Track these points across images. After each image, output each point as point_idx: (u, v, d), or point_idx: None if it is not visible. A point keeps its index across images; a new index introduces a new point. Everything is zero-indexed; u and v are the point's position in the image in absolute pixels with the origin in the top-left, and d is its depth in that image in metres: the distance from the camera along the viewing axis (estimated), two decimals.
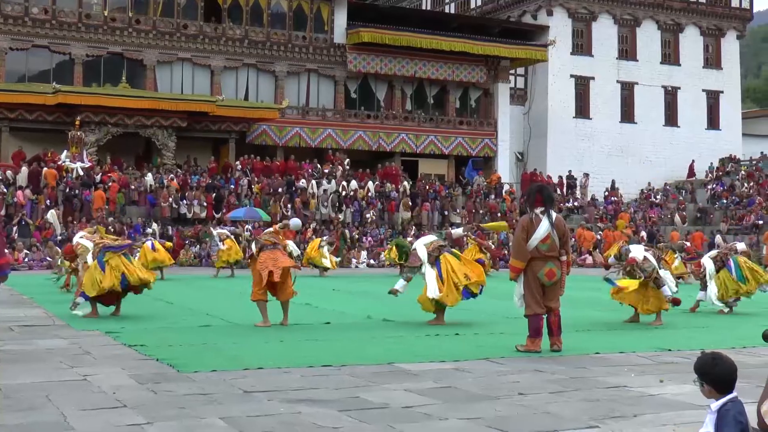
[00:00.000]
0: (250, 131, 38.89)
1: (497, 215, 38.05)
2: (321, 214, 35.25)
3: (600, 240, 35.18)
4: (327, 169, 37.95)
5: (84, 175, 32.48)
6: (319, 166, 38.38)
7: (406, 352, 8.98)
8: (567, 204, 41.60)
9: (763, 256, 21.32)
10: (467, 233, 22.32)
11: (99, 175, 33.00)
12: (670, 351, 9.33)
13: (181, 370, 7.60)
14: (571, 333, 10.14)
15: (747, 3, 52.47)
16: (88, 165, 33.03)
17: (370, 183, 37.88)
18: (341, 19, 41.23)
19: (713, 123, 51.00)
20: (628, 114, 48.86)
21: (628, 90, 48.89)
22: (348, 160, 39.51)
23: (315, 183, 36.46)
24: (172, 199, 33.00)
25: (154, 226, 30.92)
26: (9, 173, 31.86)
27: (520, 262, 9.22)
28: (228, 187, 34.89)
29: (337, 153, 39.93)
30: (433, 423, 5.70)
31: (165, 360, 8.14)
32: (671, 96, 49.91)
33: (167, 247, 24.18)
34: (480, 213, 38.06)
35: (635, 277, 12.32)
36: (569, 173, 44.64)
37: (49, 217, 29.94)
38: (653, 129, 49.03)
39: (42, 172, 32.27)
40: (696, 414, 5.67)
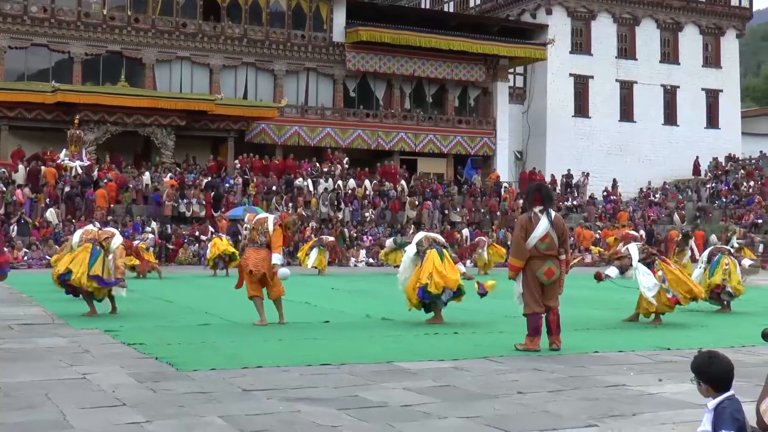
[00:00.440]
0: (249, 130, 38.88)
1: (497, 214, 38.08)
2: (321, 213, 35.24)
3: (599, 239, 35.18)
4: (326, 168, 37.94)
5: (83, 174, 32.50)
6: (318, 165, 38.38)
7: (405, 350, 8.99)
8: (566, 203, 41.61)
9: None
10: None
11: (95, 172, 32.95)
12: (669, 350, 9.33)
13: (180, 368, 7.61)
14: (570, 332, 10.15)
15: (746, 2, 52.48)
16: (87, 163, 33.04)
17: (367, 182, 37.87)
18: (340, 18, 41.22)
19: (712, 122, 51.01)
20: (627, 113, 48.86)
21: (627, 89, 48.90)
22: (347, 158, 39.51)
23: (311, 182, 36.44)
24: (168, 198, 32.97)
25: (153, 224, 30.88)
26: (3, 170, 31.81)
27: (518, 260, 9.22)
28: (222, 186, 34.84)
29: (336, 152, 39.92)
30: (432, 422, 5.71)
31: (164, 358, 8.14)
32: (670, 95, 49.92)
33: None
34: (481, 212, 38.07)
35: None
36: (568, 172, 44.67)
37: (48, 216, 29.94)
38: (652, 128, 49.03)
39: (41, 170, 32.27)
40: (695, 413, 5.67)
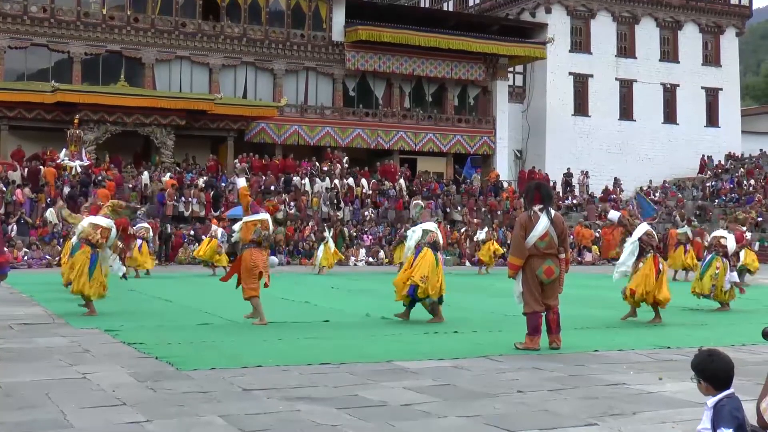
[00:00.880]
0: (248, 129, 38.87)
1: (497, 213, 38.04)
2: (321, 212, 35.24)
3: (598, 238, 35.16)
4: (326, 167, 37.92)
5: (82, 173, 32.46)
6: (318, 164, 38.36)
7: (404, 350, 8.99)
8: (566, 202, 41.59)
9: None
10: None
11: (91, 171, 32.87)
12: (668, 348, 9.34)
13: (180, 368, 7.61)
14: (570, 331, 10.16)
15: (746, 0, 52.46)
16: (87, 163, 33.02)
17: (363, 180, 37.80)
18: (339, 17, 41.20)
19: (712, 120, 50.98)
20: (626, 111, 48.84)
21: (626, 87, 48.88)
22: (347, 158, 39.49)
23: (308, 181, 36.39)
24: (169, 197, 32.95)
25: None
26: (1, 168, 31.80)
27: (518, 259, 9.23)
28: (219, 185, 34.81)
29: (336, 151, 39.91)
30: (432, 421, 5.71)
31: (164, 358, 8.15)
32: (670, 93, 49.89)
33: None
34: (482, 211, 38.04)
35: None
36: (568, 171, 44.66)
37: (48, 216, 29.91)
38: (652, 126, 49.00)
39: (41, 170, 32.25)
40: (695, 411, 5.68)
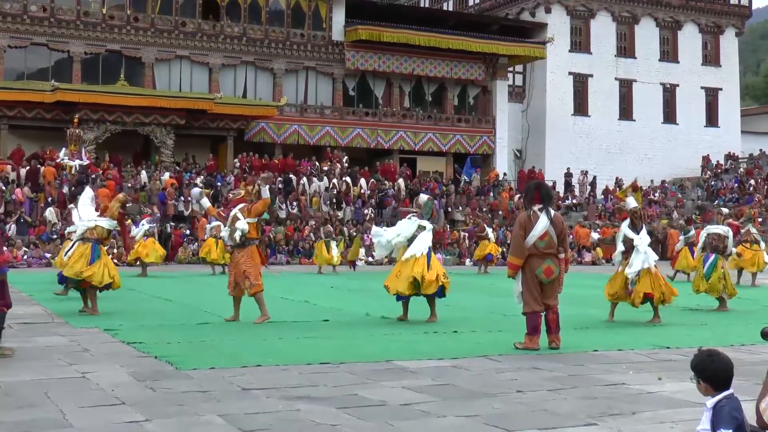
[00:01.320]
0: (248, 129, 38.87)
1: (499, 213, 37.98)
2: (322, 212, 35.23)
3: (602, 239, 35.10)
4: (326, 167, 37.90)
5: (80, 173, 32.36)
6: (318, 163, 38.35)
7: (404, 349, 8.99)
8: (566, 202, 41.57)
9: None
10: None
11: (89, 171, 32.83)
12: (668, 348, 9.34)
13: (180, 367, 7.62)
14: (570, 330, 10.16)
15: (746, 0, 52.46)
16: (86, 162, 32.99)
17: (362, 180, 37.77)
18: (339, 17, 41.19)
19: (712, 120, 50.98)
20: (626, 111, 48.84)
21: (626, 87, 48.88)
22: (346, 157, 39.48)
23: (306, 180, 36.35)
24: (169, 197, 32.94)
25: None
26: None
27: (517, 259, 9.23)
28: (215, 184, 34.77)
29: (336, 151, 39.90)
30: (431, 420, 5.71)
31: (163, 357, 8.15)
32: (670, 93, 49.88)
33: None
34: (483, 211, 38.00)
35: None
36: (567, 171, 44.65)
37: (48, 215, 29.90)
38: (652, 126, 49.00)
39: (40, 170, 32.22)
40: (694, 411, 5.68)
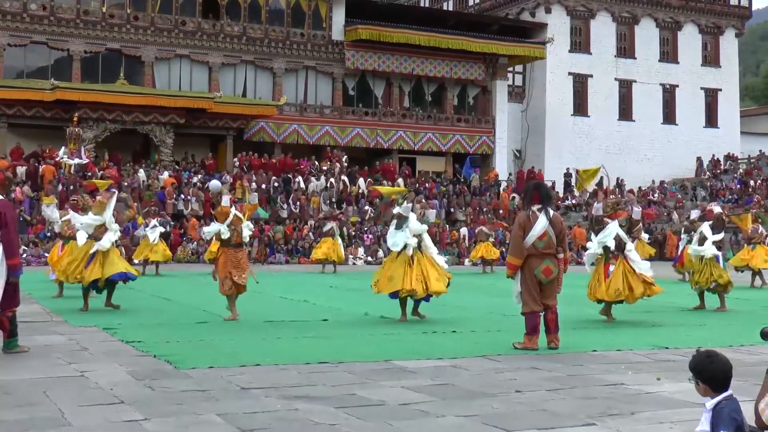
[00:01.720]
0: (248, 128, 38.87)
1: (500, 213, 37.94)
2: (322, 211, 35.21)
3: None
4: (325, 167, 37.89)
5: (76, 172, 32.28)
6: (317, 163, 38.34)
7: (403, 349, 9.00)
8: (565, 202, 41.56)
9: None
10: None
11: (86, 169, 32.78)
12: (667, 349, 9.34)
13: (179, 366, 7.61)
14: (569, 330, 10.16)
15: (745, 1, 52.44)
16: (85, 161, 32.96)
17: (361, 180, 37.73)
18: (339, 16, 41.18)
19: (711, 121, 50.98)
20: (626, 112, 48.84)
21: (626, 88, 48.88)
22: (346, 157, 39.47)
23: (301, 179, 36.32)
24: (169, 196, 32.94)
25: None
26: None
27: (517, 259, 9.23)
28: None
29: (335, 150, 39.89)
30: (430, 420, 5.71)
31: (162, 356, 8.15)
32: (669, 94, 49.89)
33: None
34: (484, 211, 37.94)
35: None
36: (567, 171, 44.64)
37: (45, 212, 29.73)
38: (651, 127, 49.01)
39: (39, 168, 32.18)
40: (693, 412, 5.68)
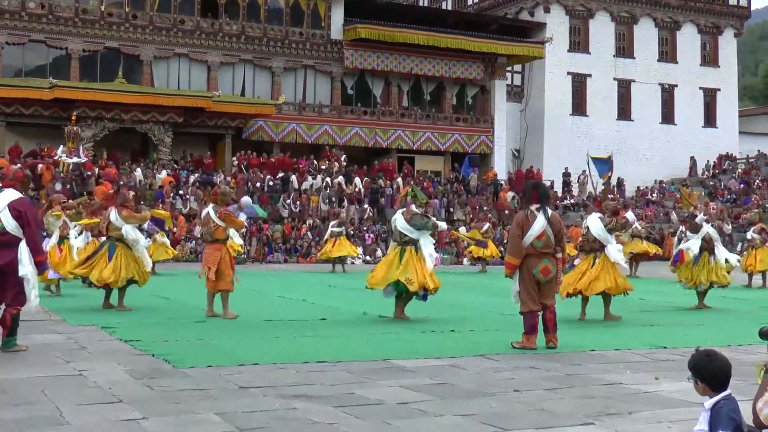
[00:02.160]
0: (246, 127, 38.86)
1: (504, 212, 37.92)
2: (321, 210, 35.22)
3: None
4: (323, 166, 37.88)
5: (73, 171, 32.23)
6: (316, 162, 38.33)
7: (401, 348, 8.99)
8: (564, 201, 41.58)
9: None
10: None
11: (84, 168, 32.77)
12: (665, 348, 9.35)
13: (177, 365, 7.61)
14: (567, 330, 10.16)
15: (744, 1, 52.47)
16: (84, 160, 32.94)
17: (357, 179, 37.71)
18: (338, 15, 41.17)
19: (710, 121, 51.01)
20: (624, 111, 48.86)
21: (624, 87, 48.90)
22: (345, 156, 39.46)
23: (295, 179, 36.29)
24: (167, 195, 32.90)
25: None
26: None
27: (515, 258, 9.23)
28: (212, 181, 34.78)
29: (334, 149, 39.89)
30: (429, 419, 5.71)
31: (161, 355, 8.14)
32: (668, 93, 49.91)
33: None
34: (484, 210, 37.92)
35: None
36: (566, 170, 44.66)
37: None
38: (650, 127, 49.02)
39: (38, 167, 32.11)
40: (691, 411, 5.68)
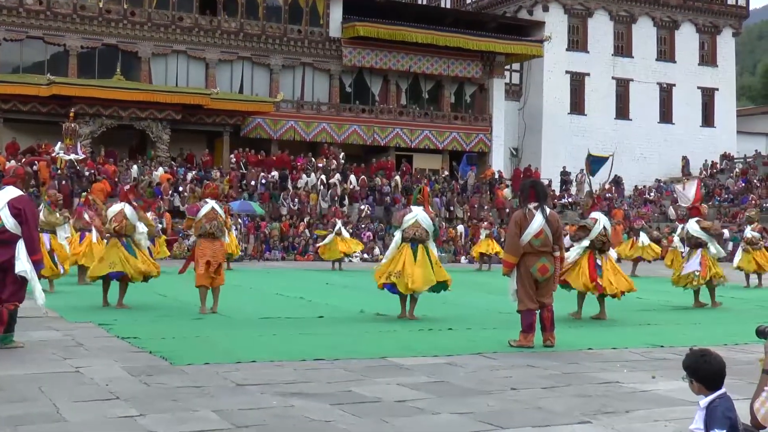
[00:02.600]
0: (244, 125, 38.85)
1: (505, 210, 37.92)
2: (321, 208, 35.21)
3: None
4: (321, 164, 37.87)
5: (69, 168, 32.16)
6: (314, 159, 38.33)
7: (399, 346, 8.99)
8: (562, 200, 41.60)
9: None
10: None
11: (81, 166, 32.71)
12: (662, 347, 9.35)
13: (174, 362, 7.61)
14: (564, 328, 10.17)
15: (743, 0, 52.53)
16: (81, 157, 32.89)
17: (352, 177, 37.71)
18: (337, 13, 41.15)
19: (708, 120, 51.06)
20: (623, 111, 48.90)
21: (623, 86, 48.92)
22: (342, 154, 39.46)
23: (289, 177, 36.29)
24: (164, 192, 32.90)
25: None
26: None
27: (513, 257, 9.24)
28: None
29: (332, 147, 39.88)
30: (426, 417, 5.71)
31: (158, 352, 8.14)
32: (666, 93, 49.95)
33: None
34: (485, 208, 37.94)
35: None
36: (564, 169, 44.68)
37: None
38: (648, 126, 49.06)
39: (36, 164, 32.10)
40: (687, 410, 5.69)
